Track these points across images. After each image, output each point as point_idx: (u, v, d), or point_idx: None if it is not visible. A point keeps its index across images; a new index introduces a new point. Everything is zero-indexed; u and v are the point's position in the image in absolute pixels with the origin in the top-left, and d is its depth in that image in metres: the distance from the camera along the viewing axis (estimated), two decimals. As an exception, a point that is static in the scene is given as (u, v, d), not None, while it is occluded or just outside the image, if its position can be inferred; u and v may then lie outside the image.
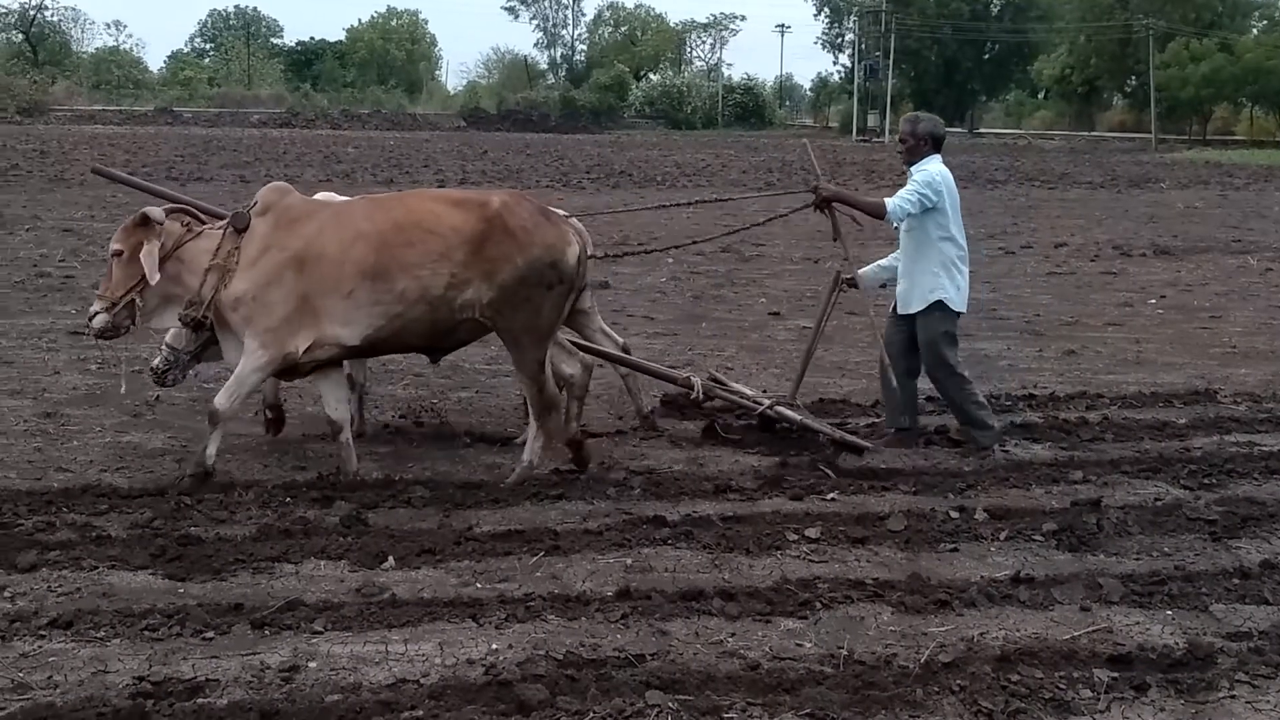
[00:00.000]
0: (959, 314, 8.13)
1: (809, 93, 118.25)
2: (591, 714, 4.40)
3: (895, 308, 8.34)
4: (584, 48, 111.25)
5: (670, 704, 4.47)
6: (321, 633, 5.04)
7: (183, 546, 5.93)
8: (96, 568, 5.67)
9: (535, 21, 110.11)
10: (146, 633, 4.99)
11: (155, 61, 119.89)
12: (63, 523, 6.29)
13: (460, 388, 9.60)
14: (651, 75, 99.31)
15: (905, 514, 6.58)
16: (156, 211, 7.01)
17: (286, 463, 7.46)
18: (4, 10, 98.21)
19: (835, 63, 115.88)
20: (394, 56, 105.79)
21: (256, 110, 76.85)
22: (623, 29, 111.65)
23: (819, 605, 5.40)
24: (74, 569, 5.66)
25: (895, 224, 8.09)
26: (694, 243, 11.46)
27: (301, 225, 6.97)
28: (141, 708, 4.33)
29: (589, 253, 7.83)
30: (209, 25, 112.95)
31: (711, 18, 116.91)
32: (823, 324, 8.83)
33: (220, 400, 6.91)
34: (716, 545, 6.12)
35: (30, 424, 8.25)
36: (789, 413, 8.14)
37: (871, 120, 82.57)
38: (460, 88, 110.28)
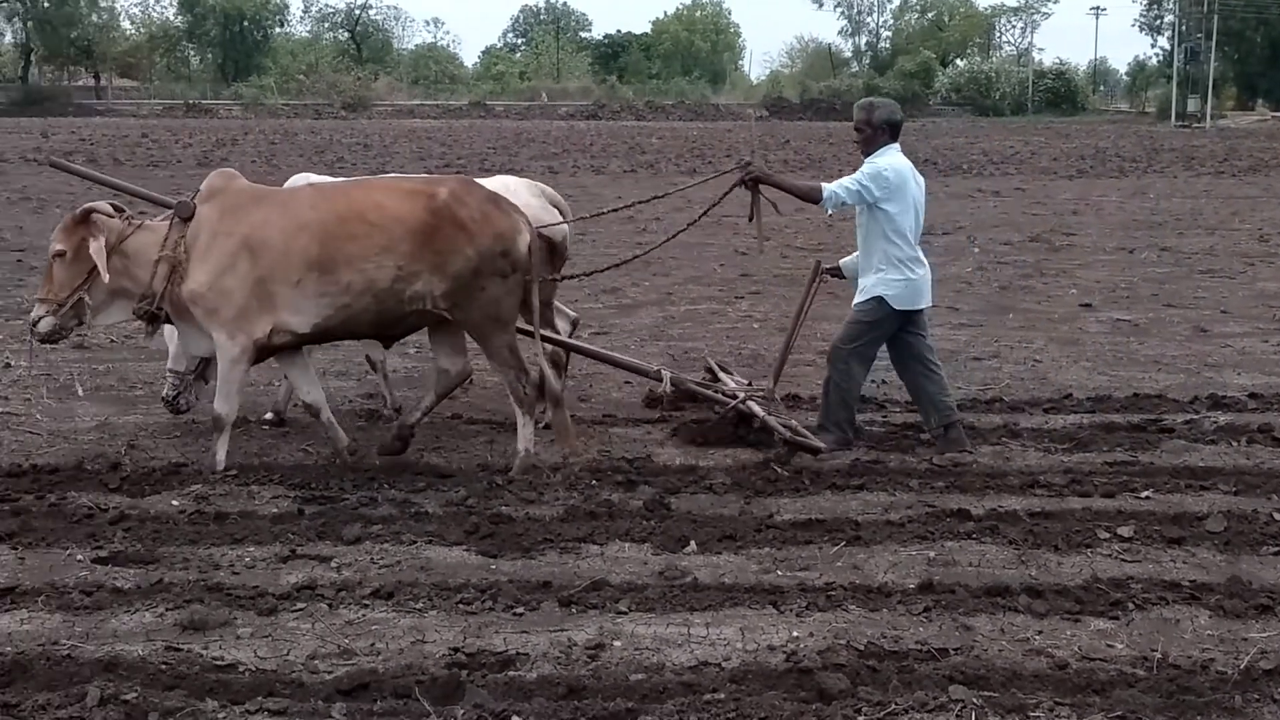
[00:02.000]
0: (898, 312, 7.60)
1: (1124, 77, 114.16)
2: (893, 705, 4.37)
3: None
4: (889, 34, 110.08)
5: (974, 700, 4.40)
6: (626, 613, 5.14)
7: (494, 525, 6.15)
8: (415, 542, 5.94)
9: (840, 9, 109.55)
10: (461, 606, 5.19)
11: (470, 57, 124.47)
12: (384, 498, 6.61)
13: (762, 376, 9.62)
14: (958, 61, 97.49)
15: (1225, 514, 6.28)
16: (102, 205, 7.01)
17: (592, 446, 7.62)
18: (331, 10, 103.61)
19: (1153, 45, 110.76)
20: (698, 47, 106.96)
21: (564, 103, 78.75)
22: (929, 14, 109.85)
23: (1131, 606, 5.22)
24: (394, 542, 5.93)
25: (829, 211, 7.63)
26: (636, 256, 9.60)
27: (248, 212, 6.88)
28: (457, 677, 4.51)
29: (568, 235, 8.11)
30: (520, 21, 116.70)
31: (1022, 1, 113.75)
32: (803, 314, 8.32)
33: (219, 406, 6.95)
34: (1023, 541, 5.98)
35: (355, 404, 8.67)
36: (755, 408, 7.69)
37: (1191, 105, 78.87)
38: (763, 77, 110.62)
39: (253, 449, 7.48)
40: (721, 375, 8.44)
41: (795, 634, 4.94)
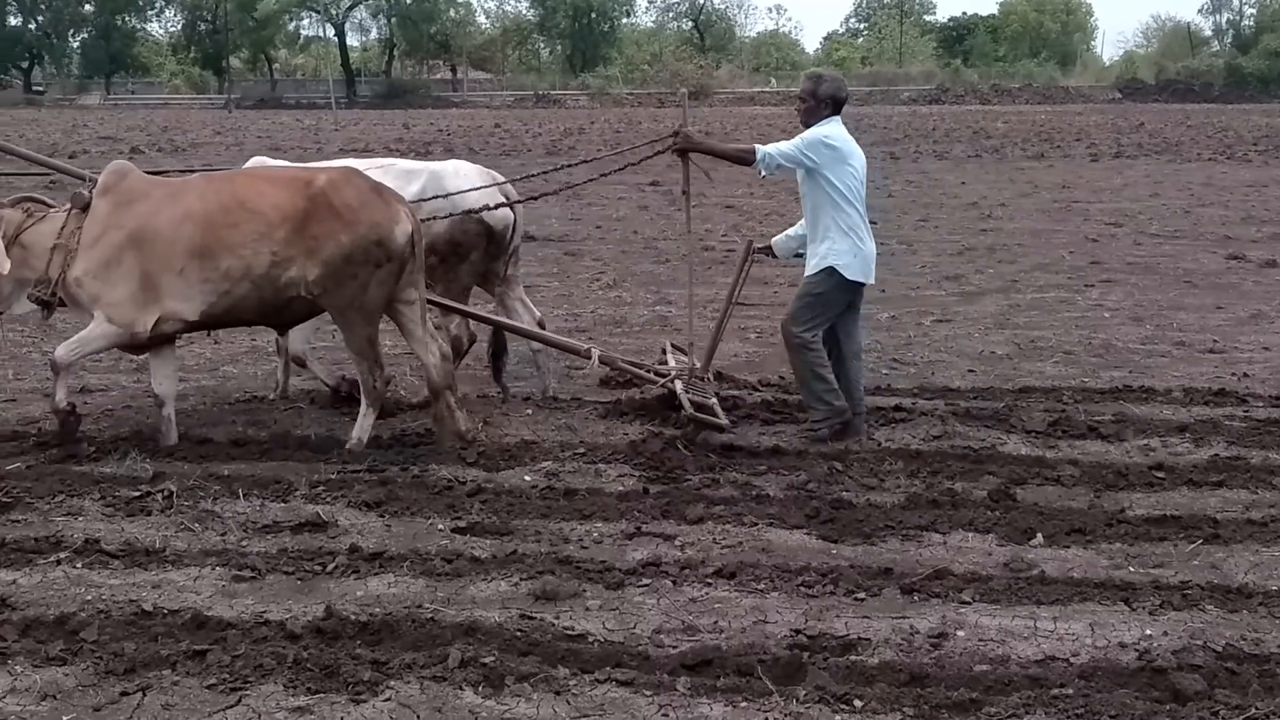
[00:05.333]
0: (854, 284, 7.50)
1: None
2: (1253, 710, 4.16)
3: None
4: (1253, 12, 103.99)
5: (1344, 710, 4.16)
6: (969, 603, 5.07)
7: (835, 509, 6.16)
8: (756, 524, 5.99)
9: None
10: (802, 588, 5.22)
11: (811, 43, 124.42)
12: (726, 480, 6.69)
13: (1113, 367, 9.31)
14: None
15: None
16: None
17: (934, 430, 7.51)
18: (675, 0, 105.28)
19: None
20: (1047, 29, 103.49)
21: (907, 88, 77.78)
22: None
23: None
24: (736, 524, 6.00)
25: (763, 172, 7.66)
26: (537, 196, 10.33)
27: (138, 205, 6.99)
28: (799, 659, 4.53)
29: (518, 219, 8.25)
30: (863, 5, 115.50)
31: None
32: (735, 294, 8.17)
33: (61, 351, 7.08)
34: (1402, 546, 5.61)
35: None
36: (677, 387, 7.57)
37: None
38: (1116, 58, 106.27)
39: (599, 429, 7.69)
40: (670, 356, 8.39)
41: (1148, 632, 4.77)
